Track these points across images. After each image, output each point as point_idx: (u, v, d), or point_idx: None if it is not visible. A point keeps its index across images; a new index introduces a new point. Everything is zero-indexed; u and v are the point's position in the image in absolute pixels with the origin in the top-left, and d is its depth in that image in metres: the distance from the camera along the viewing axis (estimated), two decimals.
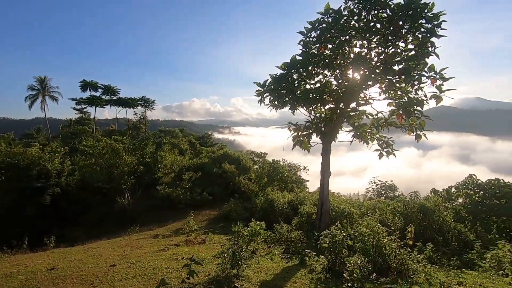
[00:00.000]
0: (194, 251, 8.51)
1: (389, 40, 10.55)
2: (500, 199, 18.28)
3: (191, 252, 8.30)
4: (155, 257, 7.70)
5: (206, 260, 7.29)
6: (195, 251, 8.58)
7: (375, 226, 7.13)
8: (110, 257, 8.08)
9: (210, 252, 8.62)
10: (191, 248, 9.02)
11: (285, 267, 6.85)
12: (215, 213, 20.28)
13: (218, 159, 31.13)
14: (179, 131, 62.47)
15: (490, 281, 7.11)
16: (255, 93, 12.25)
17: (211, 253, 8.50)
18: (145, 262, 7.13)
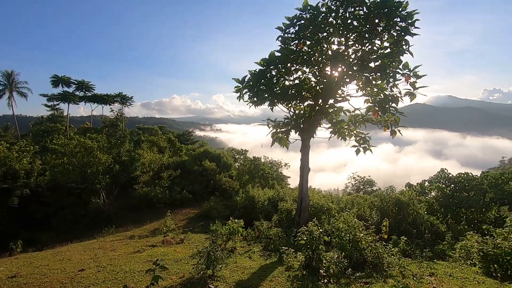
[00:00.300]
0: (170, 252, 8.25)
1: (366, 37, 10.70)
2: (469, 191, 19.22)
3: (167, 253, 8.04)
4: (128, 260, 7.38)
5: (182, 260, 7.07)
6: (172, 251, 8.32)
7: (352, 221, 7.20)
8: (80, 261, 7.66)
9: (187, 252, 8.39)
10: (167, 249, 8.74)
11: (263, 265, 6.77)
12: (195, 211, 19.95)
13: (198, 157, 30.67)
14: (159, 128, 60.96)
15: (459, 271, 7.40)
16: (234, 90, 12.06)
17: (188, 253, 8.27)
18: (117, 265, 6.80)
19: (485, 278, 6.68)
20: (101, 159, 18.93)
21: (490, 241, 7.27)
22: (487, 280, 6.45)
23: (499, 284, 6.14)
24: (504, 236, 7.23)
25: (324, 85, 10.65)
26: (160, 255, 7.69)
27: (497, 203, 17.73)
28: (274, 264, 6.81)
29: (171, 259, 7.28)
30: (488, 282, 6.21)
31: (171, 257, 7.46)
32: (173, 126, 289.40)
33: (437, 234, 13.65)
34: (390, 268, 6.62)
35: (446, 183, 20.79)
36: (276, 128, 11.04)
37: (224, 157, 30.00)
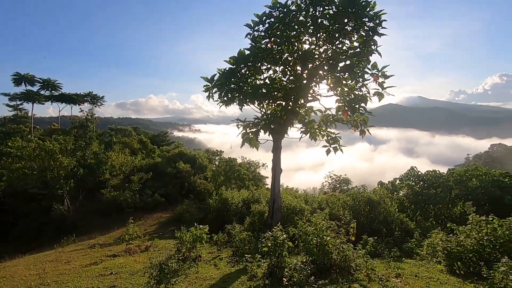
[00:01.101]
0: (129, 263, 7.65)
1: (335, 37, 10.63)
2: (436, 188, 19.94)
3: (126, 264, 7.44)
4: (79, 275, 6.72)
5: (138, 273, 6.52)
6: (131, 262, 7.72)
7: (320, 223, 7.00)
8: (23, 278, 6.88)
9: (149, 262, 7.82)
10: (127, 259, 8.12)
11: (226, 275, 6.40)
12: (168, 215, 19.18)
13: (173, 159, 29.71)
14: (132, 129, 58.73)
15: (425, 270, 7.43)
16: (203, 89, 11.59)
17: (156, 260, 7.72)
18: (63, 282, 6.14)
19: (449, 277, 6.72)
20: (63, 162, 17.65)
21: (453, 239, 7.37)
22: (450, 279, 6.49)
23: (461, 283, 6.18)
24: (466, 234, 7.34)
25: (294, 84, 10.45)
26: (117, 267, 7.09)
27: (462, 199, 18.52)
28: (239, 272, 6.46)
29: (127, 271, 6.72)
30: (452, 281, 6.23)
31: (128, 269, 6.88)
32: (150, 127, 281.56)
33: (407, 231, 13.91)
34: (357, 271, 6.48)
35: (415, 181, 21.49)
36: (246, 129, 10.71)
37: (200, 158, 29.27)
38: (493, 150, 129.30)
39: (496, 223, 6.97)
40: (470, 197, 18.38)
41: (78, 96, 59.91)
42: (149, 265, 7.21)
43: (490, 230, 6.95)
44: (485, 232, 7.02)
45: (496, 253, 6.71)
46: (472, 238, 7.17)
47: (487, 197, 17.87)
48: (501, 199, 16.92)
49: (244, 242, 8.84)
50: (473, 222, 7.51)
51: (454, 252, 7.22)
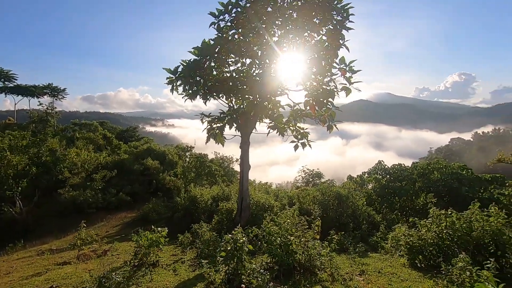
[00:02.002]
0: (78, 272, 6.92)
1: (302, 29, 10.37)
2: (401, 181, 20.71)
3: (72, 275, 6.71)
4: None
5: (85, 284, 5.85)
6: (80, 271, 7.00)
7: (284, 222, 6.75)
8: None
9: (102, 270, 7.14)
10: (77, 268, 7.37)
11: (182, 282, 5.95)
12: (133, 215, 18.18)
13: (141, 155, 28.33)
14: (99, 124, 55.44)
15: (388, 264, 7.48)
16: (166, 81, 10.86)
17: (104, 271, 7.04)
18: None
19: (410, 272, 6.77)
20: (12, 160, 16.00)
21: (415, 233, 7.46)
22: (412, 274, 6.53)
23: (422, 277, 6.22)
24: (427, 228, 7.45)
25: (261, 78, 10.07)
26: (61, 279, 6.35)
27: (424, 191, 19.38)
28: (197, 278, 6.02)
29: (71, 284, 6.03)
30: (413, 277, 6.26)
31: (72, 281, 6.19)
32: (121, 122, 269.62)
33: (374, 224, 14.23)
34: (322, 270, 6.32)
35: (382, 174, 22.20)
36: (211, 124, 10.19)
37: (170, 154, 28.17)
38: (452, 144, 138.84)
39: (455, 217, 7.13)
40: (432, 189, 19.28)
41: (36, 88, 55.16)
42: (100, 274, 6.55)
43: (449, 224, 7.09)
44: (444, 226, 7.16)
45: (454, 246, 6.86)
46: (432, 231, 7.29)
47: (447, 188, 18.83)
48: (459, 190, 17.90)
49: (208, 243, 8.39)
50: (434, 215, 7.64)
51: (415, 246, 7.31)
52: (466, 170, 19.40)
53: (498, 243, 6.50)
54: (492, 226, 6.62)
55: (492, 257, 6.62)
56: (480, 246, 6.66)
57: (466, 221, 6.92)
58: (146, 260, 6.96)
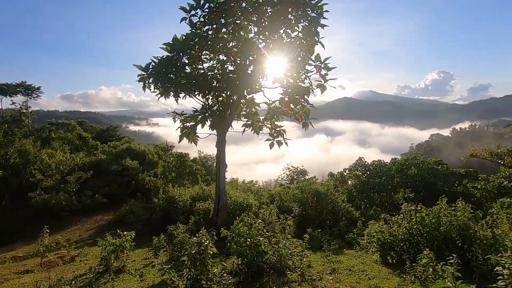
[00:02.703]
0: (37, 281, 6.50)
1: (278, 26, 10.23)
2: (381, 177, 21.09)
3: (32, 283, 6.31)
4: None
5: None
6: (40, 280, 6.58)
7: (255, 222, 6.60)
8: None
9: (66, 278, 6.76)
10: (38, 276, 6.93)
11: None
12: (109, 217, 17.60)
13: (120, 155, 27.51)
14: (77, 123, 53.47)
15: (361, 261, 7.49)
16: (137, 79, 10.46)
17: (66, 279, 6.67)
18: None
19: (381, 268, 6.80)
20: None
21: (386, 230, 7.49)
22: (382, 271, 6.55)
23: (391, 274, 6.24)
24: (398, 224, 7.50)
25: (237, 75, 9.85)
26: None
27: (403, 186, 19.83)
28: (163, 284, 5.79)
29: None
30: (382, 274, 6.27)
31: None
32: (102, 121, 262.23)
33: (353, 220, 14.36)
34: (293, 270, 6.22)
35: (363, 171, 22.54)
36: (183, 122, 9.89)
37: (150, 154, 27.51)
38: (432, 140, 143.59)
39: (424, 212, 7.20)
40: (409, 184, 19.77)
41: (8, 86, 52.45)
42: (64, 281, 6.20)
43: (419, 219, 7.16)
44: (415, 221, 7.22)
45: (423, 241, 6.93)
46: (403, 227, 7.34)
47: (423, 183, 19.34)
48: (435, 185, 18.40)
49: (181, 245, 8.13)
50: (405, 211, 7.69)
51: (387, 242, 7.35)
52: (441, 165, 19.97)
53: (464, 237, 6.61)
54: (459, 221, 6.73)
55: (460, 250, 6.77)
56: (447, 241, 6.76)
57: (434, 216, 7.01)
58: (111, 266, 6.64)
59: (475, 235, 6.55)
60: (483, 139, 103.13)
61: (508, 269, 4.15)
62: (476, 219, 6.88)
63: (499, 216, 11.43)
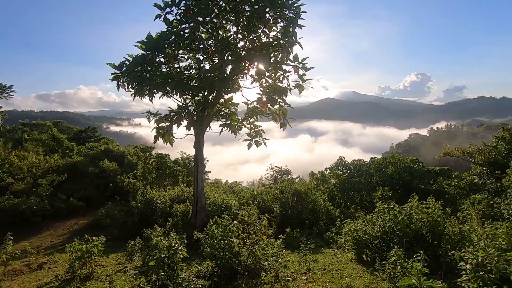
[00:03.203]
0: None
1: (255, 25, 10.18)
2: (360, 176, 21.51)
3: None
4: None
5: None
6: None
7: (229, 224, 6.50)
8: None
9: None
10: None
11: None
12: (85, 222, 16.91)
13: (97, 157, 26.54)
14: (53, 124, 51.24)
15: (336, 260, 7.55)
16: (111, 77, 10.10)
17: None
18: None
19: (355, 266, 6.88)
20: None
21: (361, 228, 7.59)
22: (356, 269, 6.62)
23: (364, 272, 6.32)
24: (372, 222, 7.62)
25: (213, 73, 9.71)
26: None
27: (381, 184, 20.29)
28: None
29: None
30: (356, 272, 6.34)
31: None
32: (81, 122, 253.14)
33: (332, 219, 14.53)
34: (268, 271, 6.17)
35: (343, 170, 22.90)
36: (158, 123, 9.64)
37: (129, 155, 26.72)
38: (411, 139, 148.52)
39: (397, 210, 7.35)
40: (387, 183, 20.24)
41: None
42: None
43: (392, 217, 7.30)
44: (388, 219, 7.36)
45: (396, 238, 7.07)
46: (377, 225, 7.46)
47: (400, 181, 19.88)
48: (411, 183, 18.96)
49: (156, 249, 7.89)
50: (379, 209, 7.83)
51: (362, 240, 7.45)
52: (417, 164, 20.61)
53: (434, 233, 6.80)
54: (429, 218, 6.91)
55: (430, 247, 6.96)
56: (419, 237, 6.93)
57: (406, 214, 7.16)
58: (78, 274, 6.34)
59: (444, 231, 6.75)
60: (458, 138, 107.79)
61: (470, 264, 4.27)
62: (445, 216, 7.08)
63: (469, 212, 11.92)
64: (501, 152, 17.42)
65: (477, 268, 4.15)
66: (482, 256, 4.15)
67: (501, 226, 6.23)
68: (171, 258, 4.77)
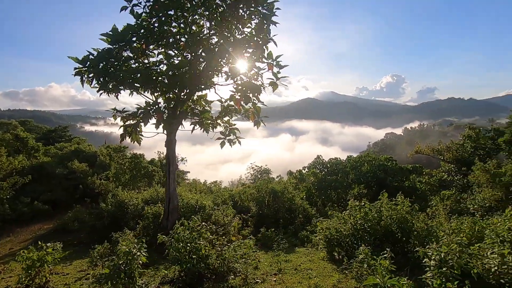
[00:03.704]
0: None
1: (228, 21, 9.92)
2: (337, 174, 21.84)
3: None
4: None
5: None
6: None
7: (197, 226, 6.22)
8: None
9: None
10: None
11: None
12: (50, 226, 15.93)
13: (67, 157, 25.18)
14: (19, 123, 48.17)
15: (308, 259, 7.48)
16: (73, 72, 9.45)
17: None
18: None
19: (327, 265, 6.83)
20: None
21: (332, 226, 7.57)
22: (327, 267, 6.57)
23: (335, 271, 6.27)
24: (344, 220, 7.61)
25: (181, 69, 9.33)
26: None
27: (356, 182, 20.70)
28: None
29: None
30: (327, 271, 6.28)
31: None
32: (53, 121, 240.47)
33: (309, 218, 14.56)
34: (238, 273, 5.95)
35: (320, 168, 23.16)
36: (124, 121, 9.15)
37: (102, 155, 25.58)
38: (387, 138, 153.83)
39: (368, 207, 7.38)
40: (363, 180, 20.68)
41: None
42: None
43: (363, 214, 7.32)
44: (359, 217, 7.37)
45: (367, 236, 7.09)
46: (349, 223, 7.46)
47: (375, 179, 20.37)
48: (385, 180, 19.47)
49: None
50: (351, 207, 7.84)
51: (334, 238, 7.42)
52: (391, 162, 21.20)
53: (403, 230, 6.87)
54: (398, 214, 6.98)
55: (399, 243, 7.05)
56: (388, 234, 6.98)
57: (377, 211, 7.21)
58: (31, 284, 5.82)
59: (412, 227, 6.84)
60: (430, 137, 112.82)
61: (434, 260, 4.28)
62: (414, 212, 7.18)
63: (438, 208, 12.33)
64: (467, 150, 18.31)
65: (440, 264, 4.16)
66: (444, 252, 4.16)
67: (466, 221, 6.38)
68: (128, 264, 4.44)
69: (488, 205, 12.60)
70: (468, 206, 13.82)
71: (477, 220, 6.23)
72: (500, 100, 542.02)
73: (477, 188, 14.27)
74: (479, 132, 18.29)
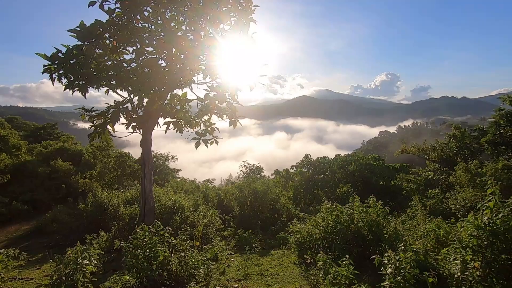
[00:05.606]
0: None
1: (203, 17, 9.66)
2: (324, 173, 21.77)
3: None
4: None
5: None
6: None
7: (161, 230, 6.01)
8: None
9: None
10: None
11: None
12: (29, 227, 15.54)
13: (51, 156, 24.67)
14: (6, 120, 47.15)
15: (279, 263, 7.32)
16: (42, 70, 9.11)
17: None
18: None
19: (296, 269, 6.68)
20: None
21: (303, 229, 7.42)
22: (295, 272, 6.42)
23: (300, 277, 6.11)
24: (316, 223, 7.46)
25: (150, 68, 9.04)
26: None
27: (343, 181, 20.63)
28: None
29: None
30: (294, 275, 6.13)
31: None
32: (45, 118, 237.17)
33: (292, 218, 14.42)
34: (201, 280, 5.76)
35: (308, 167, 23.06)
36: (92, 120, 8.85)
37: (87, 154, 25.11)
38: (380, 136, 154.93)
39: (339, 210, 7.24)
40: (349, 179, 20.64)
41: None
42: None
43: (334, 217, 7.18)
44: (331, 219, 7.23)
45: (338, 239, 6.96)
46: (320, 226, 7.32)
47: (361, 178, 20.35)
48: (371, 180, 19.44)
49: None
50: (324, 210, 7.70)
51: (304, 242, 7.27)
52: (378, 161, 21.19)
53: (373, 233, 6.75)
54: (369, 217, 6.86)
55: (370, 246, 6.92)
56: (359, 237, 6.86)
57: (348, 214, 7.07)
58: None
59: (383, 231, 6.72)
60: (423, 135, 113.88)
61: (391, 268, 4.14)
62: (385, 215, 7.06)
63: (417, 209, 12.26)
64: (452, 149, 18.32)
65: (395, 272, 4.02)
66: (399, 260, 4.02)
67: (433, 225, 6.27)
68: (72, 274, 4.21)
69: (469, 205, 12.59)
70: (450, 206, 13.82)
71: (441, 225, 6.11)
72: (492, 99, 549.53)
73: (458, 188, 14.26)
74: (465, 132, 18.30)
